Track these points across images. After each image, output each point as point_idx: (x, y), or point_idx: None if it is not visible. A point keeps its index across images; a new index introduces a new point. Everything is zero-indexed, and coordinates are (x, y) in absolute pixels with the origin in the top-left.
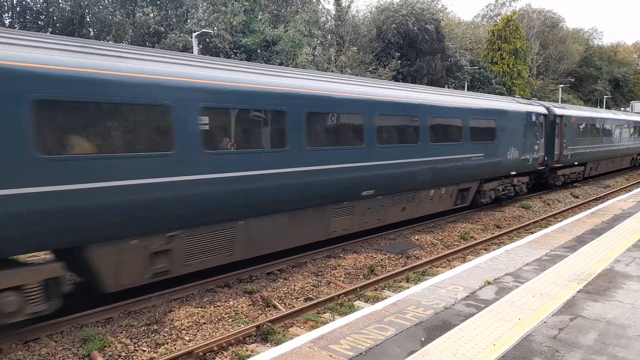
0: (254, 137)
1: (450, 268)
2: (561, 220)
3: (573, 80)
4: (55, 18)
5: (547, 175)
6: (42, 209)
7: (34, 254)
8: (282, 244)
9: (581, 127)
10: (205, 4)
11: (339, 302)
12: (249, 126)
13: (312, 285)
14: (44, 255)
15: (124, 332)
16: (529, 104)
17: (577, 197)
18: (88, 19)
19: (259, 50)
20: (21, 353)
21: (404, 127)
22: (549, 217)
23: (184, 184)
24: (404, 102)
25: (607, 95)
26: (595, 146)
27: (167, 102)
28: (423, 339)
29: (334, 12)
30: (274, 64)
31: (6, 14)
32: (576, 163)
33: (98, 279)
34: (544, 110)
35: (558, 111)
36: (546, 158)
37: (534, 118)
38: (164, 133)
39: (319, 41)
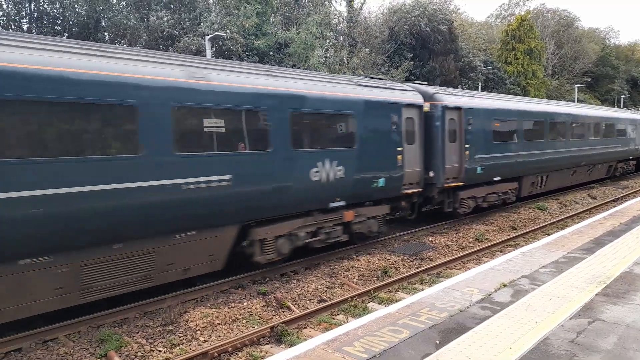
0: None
1: (465, 270)
2: (578, 222)
3: (589, 80)
4: (71, 23)
5: None
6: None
7: None
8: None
9: None
10: (218, 7)
11: (353, 303)
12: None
13: (325, 287)
14: None
15: (140, 332)
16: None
17: (594, 198)
18: (103, 24)
19: (271, 53)
20: (40, 352)
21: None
22: (566, 218)
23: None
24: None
25: (624, 95)
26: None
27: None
28: (438, 342)
29: (345, 14)
30: (287, 67)
31: (24, 19)
32: None
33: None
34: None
35: None
36: None
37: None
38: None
39: (331, 43)
